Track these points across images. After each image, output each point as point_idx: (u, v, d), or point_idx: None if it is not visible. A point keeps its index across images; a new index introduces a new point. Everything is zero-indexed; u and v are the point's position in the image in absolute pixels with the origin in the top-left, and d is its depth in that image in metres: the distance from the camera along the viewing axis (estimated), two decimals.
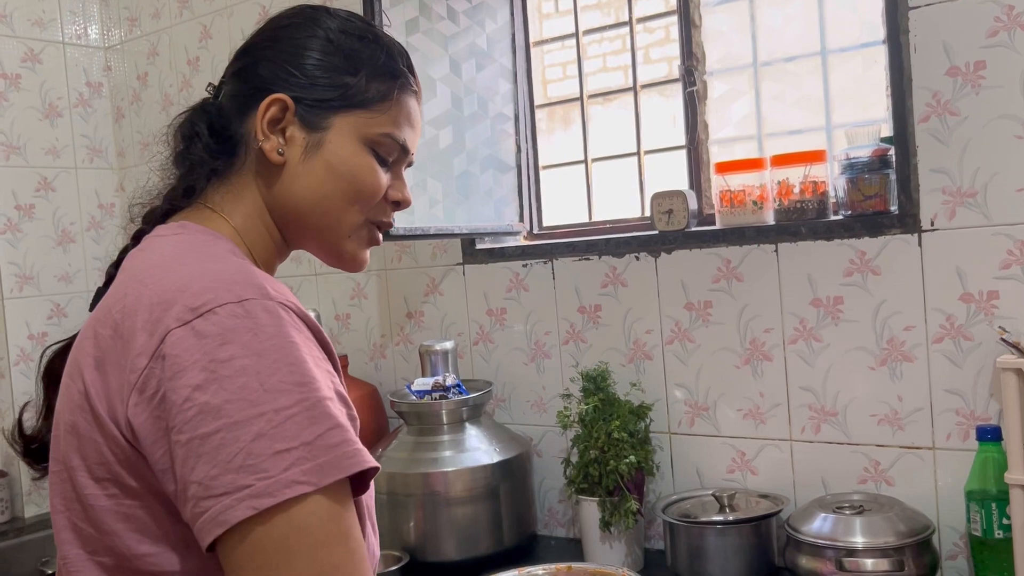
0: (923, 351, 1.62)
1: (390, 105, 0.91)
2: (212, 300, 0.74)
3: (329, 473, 0.71)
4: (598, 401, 1.82)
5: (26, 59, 2.67)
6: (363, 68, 0.90)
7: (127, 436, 0.75)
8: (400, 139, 0.93)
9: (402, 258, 2.27)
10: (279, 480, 0.70)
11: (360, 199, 0.91)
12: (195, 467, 0.70)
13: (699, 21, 1.94)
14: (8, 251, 2.59)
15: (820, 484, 1.73)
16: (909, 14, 1.58)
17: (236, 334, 0.72)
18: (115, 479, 0.77)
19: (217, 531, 0.70)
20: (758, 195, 1.74)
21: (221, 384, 0.71)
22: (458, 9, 2.02)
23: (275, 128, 0.89)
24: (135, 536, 0.77)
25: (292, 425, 0.71)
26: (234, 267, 0.79)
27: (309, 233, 0.93)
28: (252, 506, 0.69)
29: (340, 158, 0.89)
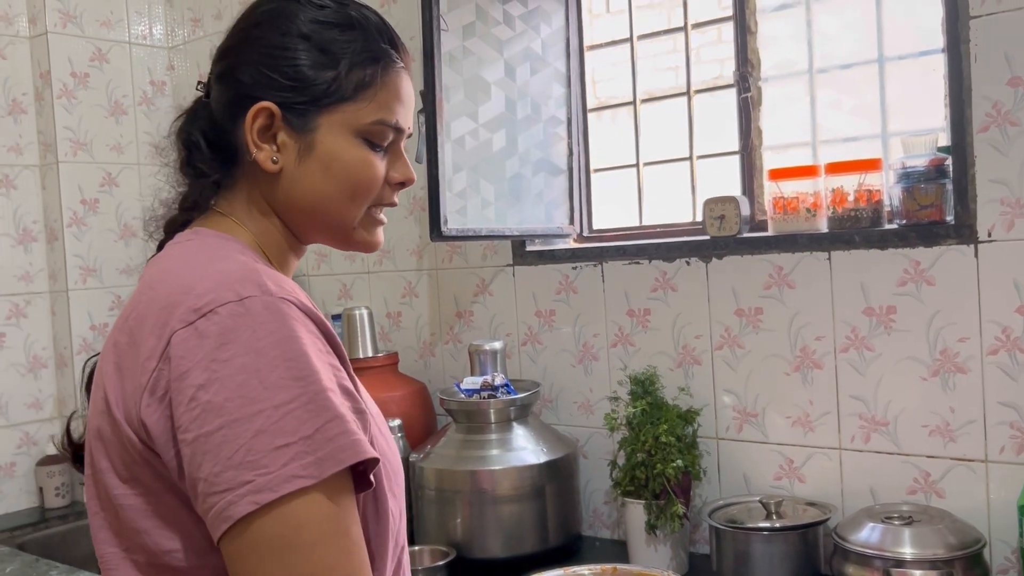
0: (977, 363, 1.60)
1: (376, 91, 0.89)
2: (214, 300, 0.76)
3: (328, 466, 0.73)
4: (646, 404, 1.83)
5: (94, 58, 2.76)
6: (342, 59, 0.88)
7: (142, 437, 0.78)
8: (392, 122, 0.91)
9: (453, 258, 2.30)
10: (279, 475, 0.71)
11: (360, 194, 0.91)
12: (201, 464, 0.73)
13: (755, 27, 1.94)
14: (73, 244, 2.68)
15: (868, 494, 1.72)
16: (970, 23, 1.56)
17: (236, 333, 0.74)
18: (138, 479, 0.80)
19: (223, 526, 0.72)
20: (811, 202, 1.74)
21: (222, 383, 0.73)
22: (514, 14, 2.04)
23: (266, 136, 0.89)
24: (162, 533, 0.80)
25: (291, 420, 0.72)
26: (237, 266, 0.80)
27: (317, 229, 0.94)
28: (253, 501, 0.71)
29: (333, 157, 0.89)
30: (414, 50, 2.28)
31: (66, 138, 2.68)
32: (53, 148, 2.67)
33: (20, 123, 2.68)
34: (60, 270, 2.68)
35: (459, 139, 1.93)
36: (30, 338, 2.68)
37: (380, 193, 0.93)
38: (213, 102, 0.93)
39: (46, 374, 2.71)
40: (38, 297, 2.70)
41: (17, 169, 2.67)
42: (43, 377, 2.70)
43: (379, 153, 0.91)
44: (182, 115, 0.96)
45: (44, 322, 2.71)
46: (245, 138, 0.89)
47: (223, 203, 0.93)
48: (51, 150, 2.68)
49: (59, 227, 2.67)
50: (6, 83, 2.65)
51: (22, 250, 2.67)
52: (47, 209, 2.71)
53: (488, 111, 1.98)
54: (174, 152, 0.95)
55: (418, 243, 2.37)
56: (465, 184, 1.95)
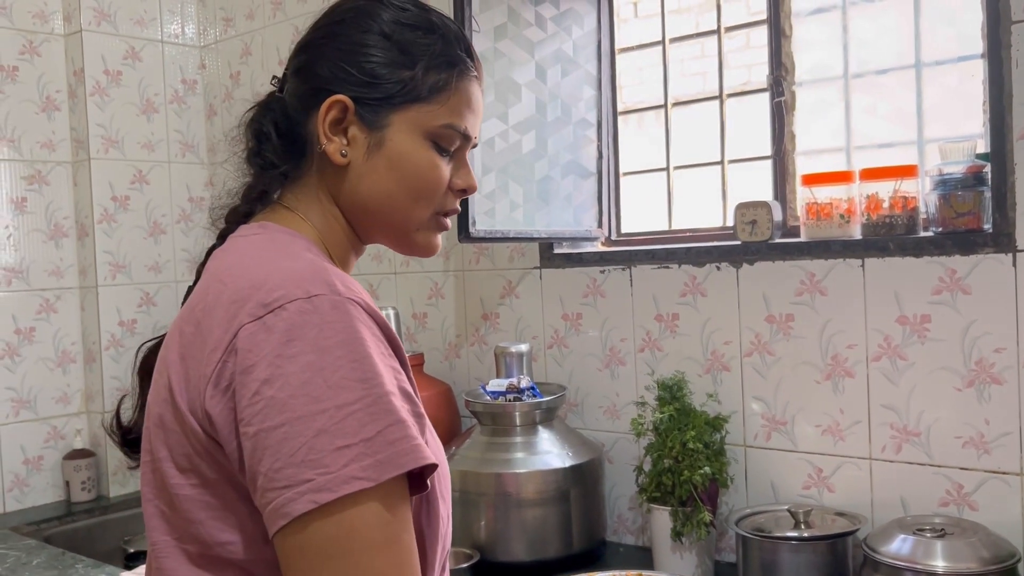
0: (1014, 374, 1.57)
1: (449, 95, 0.90)
2: (283, 297, 0.76)
3: (387, 469, 0.73)
4: (673, 410, 1.81)
5: (127, 56, 2.78)
6: (420, 60, 0.89)
7: (205, 428, 0.78)
8: (461, 128, 0.91)
9: (480, 260, 2.30)
10: (339, 476, 0.71)
11: (424, 195, 0.91)
12: (262, 459, 0.73)
13: (789, 31, 1.92)
14: (103, 240, 2.70)
15: (899, 505, 1.69)
16: (1012, 28, 1.54)
17: (303, 330, 0.74)
18: (196, 470, 0.80)
19: (280, 522, 0.72)
20: (845, 208, 1.72)
21: (287, 379, 0.73)
22: (546, 15, 2.03)
23: (337, 129, 0.89)
24: (217, 524, 0.80)
25: (353, 421, 0.72)
26: (306, 264, 0.81)
27: (378, 229, 0.94)
28: (313, 500, 0.71)
29: (402, 155, 0.89)
30: None
31: (98, 135, 2.70)
32: (85, 145, 2.69)
33: (53, 120, 2.71)
34: (90, 266, 2.70)
35: (489, 140, 1.92)
36: (59, 333, 2.70)
37: (443, 199, 0.93)
38: (288, 95, 0.94)
39: (74, 369, 2.73)
40: (68, 292, 2.73)
41: (50, 165, 2.70)
42: (71, 372, 2.72)
43: (445, 158, 0.92)
44: (254, 106, 0.96)
45: (73, 317, 2.74)
46: (317, 129, 0.89)
47: (289, 197, 0.93)
48: (83, 147, 2.70)
49: (90, 223, 2.70)
50: (40, 80, 2.68)
51: (53, 245, 2.70)
52: (78, 205, 2.74)
53: (518, 113, 1.98)
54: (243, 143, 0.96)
55: (445, 244, 2.37)
56: (494, 186, 1.94)
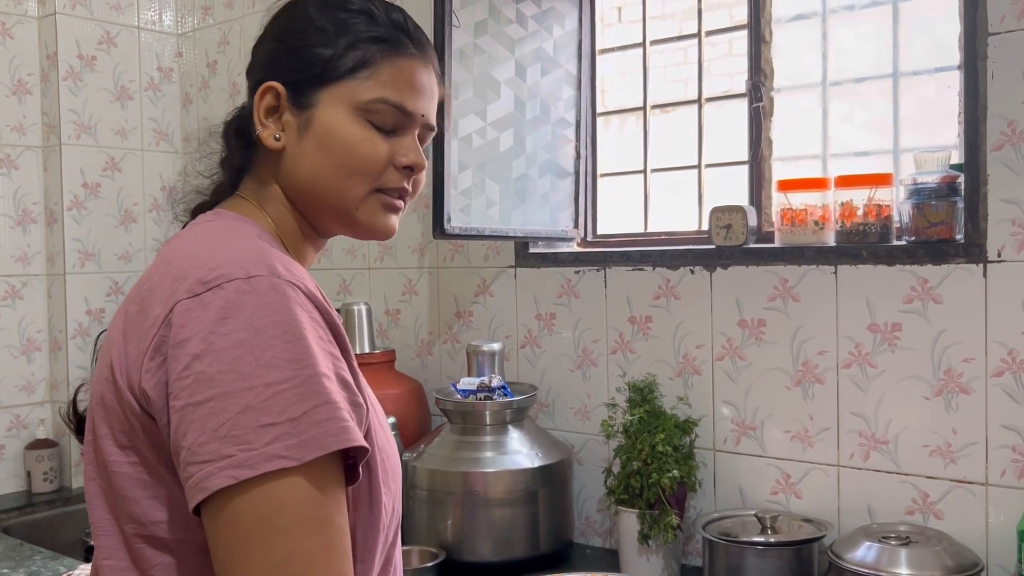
0: (981, 384, 1.58)
1: (376, 70, 0.90)
2: (222, 276, 0.77)
3: (311, 450, 0.72)
4: (644, 413, 1.81)
5: (102, 42, 2.74)
6: (340, 38, 0.90)
7: (142, 403, 0.78)
8: (394, 101, 0.90)
9: (455, 257, 2.28)
10: (261, 453, 0.71)
11: (355, 170, 0.90)
12: (186, 433, 0.73)
13: (769, 37, 1.92)
14: (73, 228, 2.66)
15: (866, 512, 1.70)
16: (988, 40, 1.55)
17: (239, 308, 0.75)
18: (134, 447, 0.80)
19: (199, 496, 0.72)
20: (820, 215, 1.72)
21: (218, 355, 0.73)
22: (527, 13, 2.02)
23: (273, 116, 0.91)
24: (151, 503, 0.80)
25: (280, 400, 0.72)
26: (250, 247, 0.82)
27: (321, 211, 0.93)
28: (232, 475, 0.71)
29: (329, 132, 0.89)
30: None
31: (70, 120, 2.66)
32: (57, 130, 2.65)
33: (24, 103, 2.66)
34: (58, 253, 2.66)
35: (466, 137, 1.91)
36: (25, 320, 2.66)
37: (384, 175, 0.92)
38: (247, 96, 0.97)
39: (39, 357, 2.69)
40: (35, 279, 2.68)
41: (19, 150, 2.66)
42: (36, 360, 2.68)
43: (383, 134, 0.91)
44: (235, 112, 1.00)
45: (40, 305, 2.69)
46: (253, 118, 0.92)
47: (246, 188, 0.95)
48: (55, 132, 2.66)
49: (59, 210, 2.65)
50: (12, 63, 2.64)
51: (21, 231, 2.65)
52: (48, 191, 2.69)
53: (497, 110, 1.97)
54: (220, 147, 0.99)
55: (420, 240, 2.35)
56: (470, 183, 1.93)
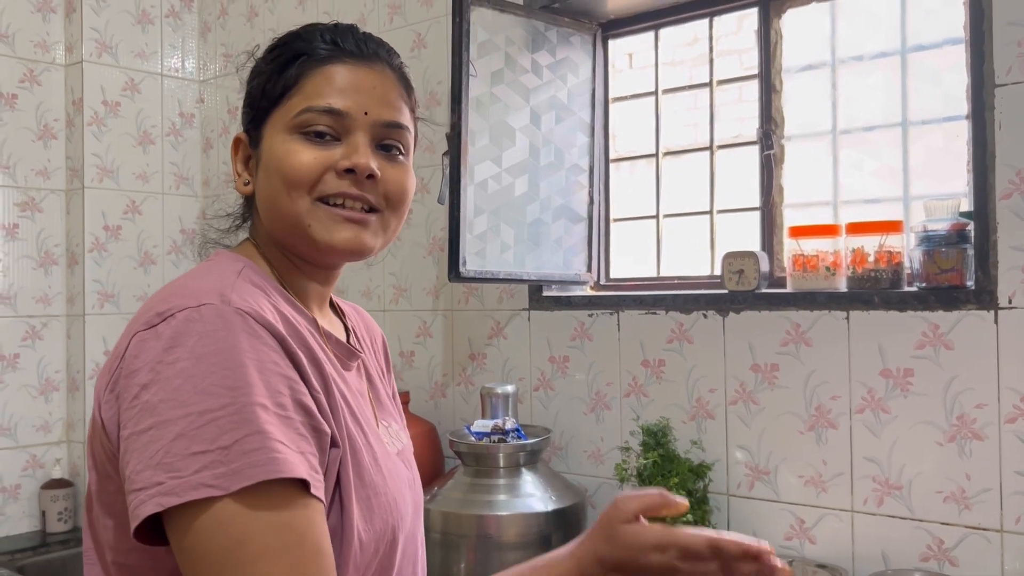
0: (995, 430, 1.59)
1: (301, 85, 0.89)
2: (175, 306, 0.78)
3: (238, 479, 0.71)
4: (657, 457, 1.82)
5: (126, 88, 2.81)
6: (266, 72, 0.92)
7: (107, 432, 0.80)
8: (320, 106, 0.88)
9: (469, 299, 2.31)
10: (188, 481, 0.71)
11: (289, 184, 0.87)
12: (129, 461, 0.74)
13: (780, 86, 1.96)
14: (93, 269, 2.71)
15: (880, 558, 1.69)
16: (995, 91, 1.58)
17: (185, 337, 0.75)
18: (108, 475, 0.82)
19: (133, 523, 0.72)
20: (831, 261, 1.74)
21: (161, 384, 0.74)
22: (542, 63, 2.07)
23: (247, 165, 0.94)
24: (121, 531, 0.81)
25: (213, 428, 0.72)
26: (216, 279, 0.82)
27: (288, 240, 0.91)
28: (159, 503, 0.71)
29: (269, 156, 0.90)
30: (442, 94, 2.33)
31: (93, 164, 2.72)
32: (80, 174, 2.71)
33: (50, 148, 2.73)
34: (78, 294, 2.70)
35: (482, 182, 1.94)
36: (44, 360, 2.69)
37: (321, 183, 0.88)
38: None
39: (57, 397, 2.72)
40: (55, 320, 2.72)
41: (44, 193, 2.71)
42: (54, 400, 2.71)
43: (320, 145, 0.88)
44: None
45: (59, 345, 2.73)
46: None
47: (252, 232, 0.97)
48: (78, 175, 2.72)
49: (80, 252, 2.70)
50: (39, 108, 2.70)
51: (42, 272, 2.70)
52: (70, 233, 2.74)
53: (512, 156, 2.01)
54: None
55: (435, 283, 2.38)
56: (486, 227, 1.96)
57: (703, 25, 2.10)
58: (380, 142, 0.91)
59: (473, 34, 1.92)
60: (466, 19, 1.89)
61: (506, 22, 1.99)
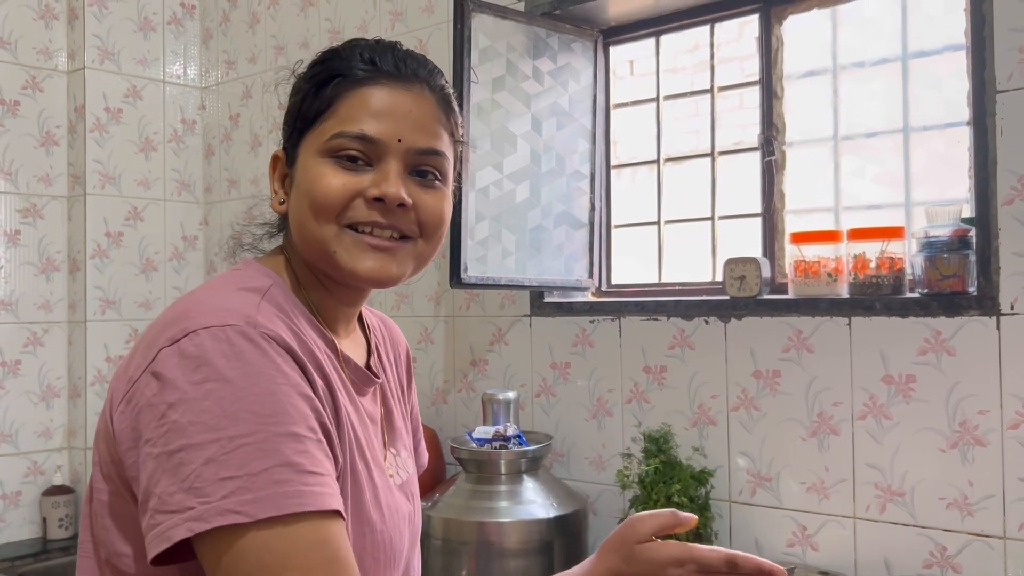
0: (997, 436, 1.58)
1: (336, 108, 0.88)
2: (200, 323, 0.77)
3: (265, 508, 0.72)
4: (659, 463, 1.81)
5: (128, 95, 2.81)
6: (303, 90, 0.91)
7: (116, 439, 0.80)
8: (352, 132, 0.86)
9: (471, 306, 2.31)
10: (216, 507, 0.71)
11: (317, 209, 0.87)
12: (159, 481, 0.74)
13: (781, 92, 1.96)
14: (95, 276, 2.71)
15: (883, 565, 1.69)
16: (997, 97, 1.58)
17: (212, 357, 0.75)
18: (112, 477, 0.82)
19: (163, 546, 0.73)
20: (833, 267, 1.74)
21: (189, 405, 0.74)
22: (543, 69, 2.07)
23: (284, 182, 0.94)
24: (119, 534, 0.81)
25: (242, 454, 0.72)
26: (239, 297, 0.82)
27: (315, 261, 0.91)
28: (189, 528, 0.71)
29: (301, 179, 0.89)
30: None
31: (95, 171, 2.73)
32: (82, 180, 2.71)
33: (52, 155, 2.73)
34: (80, 301, 2.70)
35: (483, 189, 1.95)
36: (45, 367, 2.69)
37: (349, 210, 0.87)
38: None
39: (58, 404, 2.71)
40: (56, 326, 2.72)
41: (45, 199, 2.71)
42: (55, 407, 2.71)
43: (351, 170, 0.87)
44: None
45: (60, 352, 2.73)
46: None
47: (287, 244, 0.96)
48: (80, 182, 2.72)
49: (82, 258, 2.70)
50: (41, 115, 2.71)
51: (44, 279, 2.70)
52: (71, 240, 2.75)
53: (513, 163, 2.01)
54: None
55: (436, 289, 2.38)
56: (487, 233, 1.96)
57: (704, 32, 2.10)
58: (415, 168, 0.89)
59: (474, 41, 1.92)
60: (467, 26, 1.90)
61: (507, 29, 2.00)
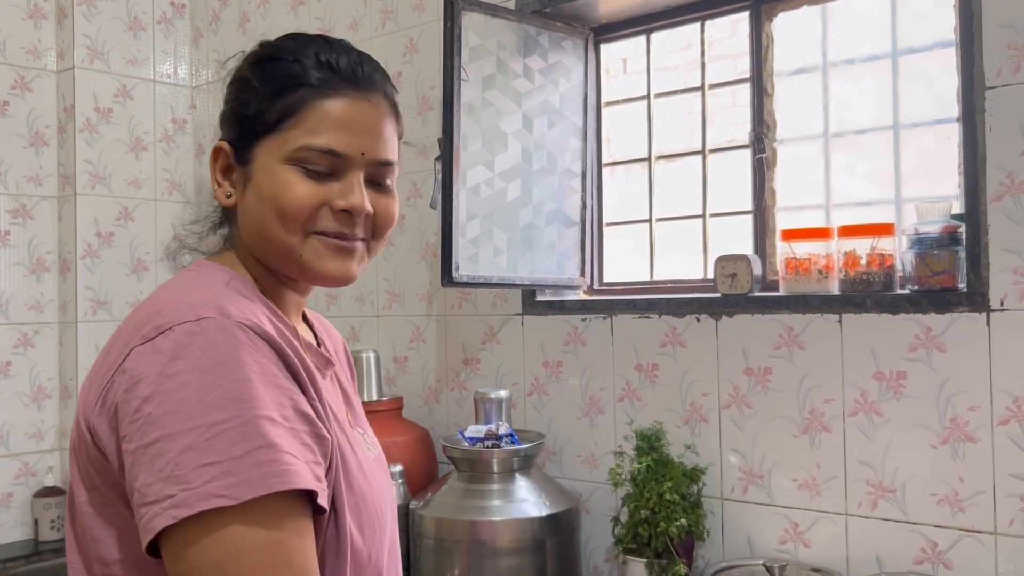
0: (987, 432, 1.59)
1: (301, 116, 0.89)
2: (173, 319, 0.78)
3: (250, 489, 0.72)
4: (651, 461, 1.81)
5: (118, 94, 2.80)
6: (263, 90, 0.90)
7: (96, 443, 0.80)
8: (319, 146, 0.88)
9: (463, 304, 2.31)
10: (198, 492, 0.72)
11: (285, 217, 0.88)
12: (137, 475, 0.74)
13: (771, 90, 1.96)
14: (86, 276, 2.70)
15: (875, 562, 1.69)
16: (986, 93, 1.58)
17: (187, 350, 0.76)
18: (96, 487, 0.82)
19: (147, 538, 0.73)
20: (824, 264, 1.74)
21: (164, 396, 0.74)
22: (534, 67, 2.07)
23: (228, 174, 0.93)
24: (114, 543, 0.81)
25: (222, 440, 0.73)
26: (208, 292, 0.83)
27: (274, 260, 0.93)
28: (172, 515, 0.72)
29: (263, 183, 0.89)
30: (434, 99, 2.33)
31: (85, 171, 2.71)
32: (72, 180, 2.70)
33: (41, 155, 2.72)
34: (71, 301, 2.69)
35: (474, 187, 1.94)
36: (36, 368, 2.68)
37: (317, 219, 0.89)
38: None
39: (49, 405, 2.70)
40: (47, 327, 2.71)
41: (35, 200, 2.70)
42: (46, 408, 2.70)
43: (318, 179, 0.89)
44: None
45: (51, 353, 2.72)
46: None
47: (233, 240, 0.97)
48: (70, 182, 2.71)
49: (73, 258, 2.69)
50: (31, 115, 2.70)
51: (34, 280, 2.69)
52: (62, 240, 2.74)
53: (504, 161, 2.00)
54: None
55: (428, 288, 2.38)
56: (478, 232, 1.96)
57: (696, 30, 2.10)
58: (373, 177, 0.93)
59: (465, 39, 1.91)
60: (458, 24, 1.89)
61: (498, 27, 1.99)
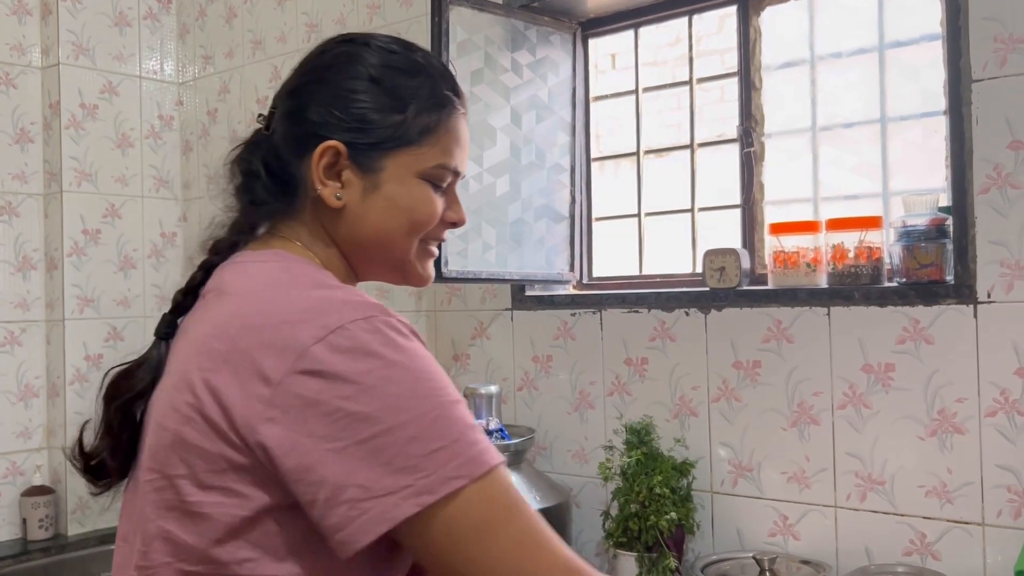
0: (975, 424, 1.59)
1: (439, 136, 0.94)
2: (342, 318, 0.79)
3: (478, 467, 0.77)
4: (641, 455, 1.81)
5: (104, 91, 2.78)
6: (409, 104, 0.93)
7: (254, 448, 0.77)
8: (452, 166, 0.96)
9: (452, 300, 2.30)
10: (438, 477, 0.75)
11: (419, 229, 0.95)
12: (356, 471, 0.75)
13: (759, 84, 1.96)
14: (72, 274, 2.68)
15: (864, 553, 1.70)
16: (972, 87, 1.58)
17: (371, 347, 0.78)
18: (225, 488, 0.79)
19: (382, 528, 0.75)
20: (812, 257, 1.75)
21: (368, 393, 0.76)
22: (522, 62, 2.07)
23: (331, 173, 0.92)
24: (239, 542, 0.79)
25: (439, 426, 0.77)
26: (349, 291, 0.86)
27: (376, 263, 0.98)
28: (418, 503, 0.75)
29: (398, 195, 0.93)
30: None
31: (71, 168, 2.70)
32: (58, 177, 2.68)
33: (27, 152, 2.70)
34: (58, 299, 2.68)
35: (463, 182, 1.93)
36: (23, 366, 2.66)
37: (433, 230, 0.98)
38: (278, 136, 0.96)
39: (37, 403, 2.69)
40: (34, 325, 2.69)
41: (21, 197, 2.68)
42: (34, 406, 2.68)
43: (439, 192, 0.96)
44: (241, 144, 1.00)
45: (38, 351, 2.70)
46: (311, 174, 0.93)
47: (286, 230, 0.96)
48: (56, 179, 2.69)
49: (59, 256, 2.67)
50: (15, 112, 2.68)
51: (20, 277, 2.67)
52: (48, 238, 2.72)
53: (493, 156, 2.00)
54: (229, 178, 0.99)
55: None
56: (467, 227, 1.95)
57: (684, 24, 2.10)
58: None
59: (452, 33, 1.91)
60: (445, 18, 1.89)
61: (485, 21, 1.99)
